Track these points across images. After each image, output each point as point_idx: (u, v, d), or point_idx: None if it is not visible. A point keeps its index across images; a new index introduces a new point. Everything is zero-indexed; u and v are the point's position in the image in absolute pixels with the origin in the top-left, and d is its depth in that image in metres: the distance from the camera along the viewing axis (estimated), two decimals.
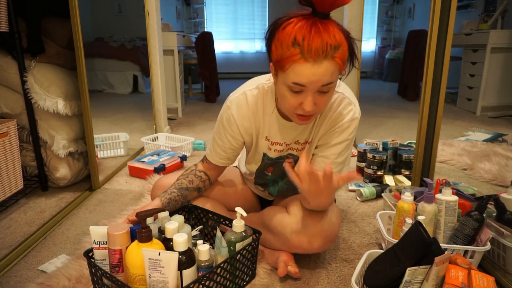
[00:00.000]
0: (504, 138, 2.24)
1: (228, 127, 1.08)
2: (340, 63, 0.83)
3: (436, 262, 0.81)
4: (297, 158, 1.11)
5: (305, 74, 0.82)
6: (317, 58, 0.80)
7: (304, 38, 0.79)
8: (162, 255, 0.80)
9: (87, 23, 5.00)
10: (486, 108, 2.99)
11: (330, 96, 0.89)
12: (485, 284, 0.82)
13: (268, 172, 1.17)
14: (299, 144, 1.08)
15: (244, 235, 0.98)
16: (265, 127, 1.07)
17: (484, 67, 2.99)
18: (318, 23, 0.81)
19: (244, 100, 1.05)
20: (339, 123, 1.02)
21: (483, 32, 3.03)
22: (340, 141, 1.03)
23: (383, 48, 5.86)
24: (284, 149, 1.10)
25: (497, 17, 2.98)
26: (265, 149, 1.11)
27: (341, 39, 0.83)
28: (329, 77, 0.83)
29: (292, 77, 0.83)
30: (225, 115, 1.07)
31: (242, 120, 1.06)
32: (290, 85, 0.85)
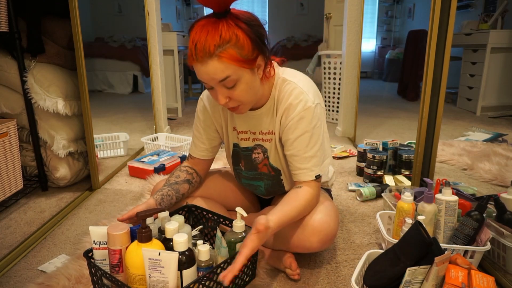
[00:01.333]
0: (504, 138, 2.24)
1: (202, 116, 1.15)
2: (228, 60, 0.86)
3: (436, 262, 0.81)
4: (265, 150, 1.11)
5: (199, 73, 0.89)
6: (202, 59, 0.86)
7: (193, 41, 0.86)
8: (162, 255, 0.80)
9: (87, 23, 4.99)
10: (486, 108, 2.99)
11: (243, 88, 0.92)
12: (485, 284, 0.82)
13: (242, 166, 1.18)
14: (264, 134, 1.09)
15: (244, 235, 0.98)
16: (232, 118, 1.11)
17: (484, 67, 2.99)
18: (210, 24, 0.86)
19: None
20: (291, 114, 1.01)
21: (483, 32, 3.03)
22: (299, 134, 1.01)
23: (383, 48, 5.85)
24: (251, 138, 1.11)
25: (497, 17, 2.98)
26: (235, 139, 1.15)
27: (231, 36, 0.85)
28: (220, 74, 0.87)
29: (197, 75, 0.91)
30: (200, 106, 1.15)
31: (213, 110, 1.13)
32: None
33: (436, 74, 1.44)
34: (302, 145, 1.02)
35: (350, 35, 2.52)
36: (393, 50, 5.74)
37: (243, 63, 0.88)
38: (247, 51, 0.88)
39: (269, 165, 1.13)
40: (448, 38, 1.37)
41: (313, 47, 4.77)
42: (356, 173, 1.97)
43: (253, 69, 0.93)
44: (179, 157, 2.08)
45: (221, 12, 0.86)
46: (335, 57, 3.01)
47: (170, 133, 2.59)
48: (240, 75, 0.89)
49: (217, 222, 1.11)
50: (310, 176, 1.03)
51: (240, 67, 0.88)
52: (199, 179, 1.21)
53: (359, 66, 2.54)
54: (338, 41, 3.57)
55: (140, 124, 3.05)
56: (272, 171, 1.14)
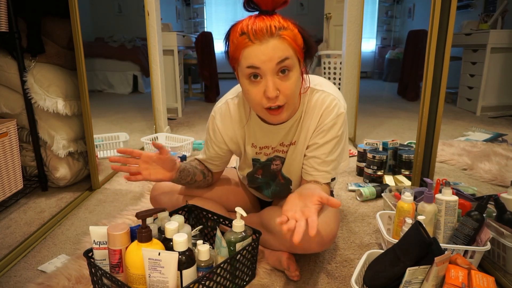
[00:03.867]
0: (504, 138, 2.23)
1: (214, 137, 1.12)
2: (290, 40, 0.86)
3: (436, 262, 0.81)
4: (283, 160, 1.11)
5: (255, 55, 0.85)
6: (263, 38, 0.84)
7: (249, 25, 0.85)
8: (162, 255, 0.80)
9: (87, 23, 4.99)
10: (486, 108, 2.99)
11: (294, 81, 0.89)
12: (485, 284, 0.82)
13: (258, 175, 1.18)
14: (284, 146, 1.08)
15: (244, 235, 0.98)
16: (250, 134, 1.09)
17: (484, 67, 2.98)
18: (263, 15, 0.87)
19: (227, 110, 1.09)
20: (324, 121, 1.01)
21: (483, 32, 3.03)
22: (329, 139, 1.02)
23: (383, 48, 5.85)
24: (271, 152, 1.11)
25: (497, 17, 2.98)
26: (254, 155, 1.12)
27: (289, 24, 0.87)
28: (280, 53, 0.85)
29: (245, 62, 0.87)
30: (211, 125, 1.12)
31: (226, 130, 1.10)
32: (246, 72, 0.88)
33: (436, 74, 1.44)
34: (328, 150, 1.03)
35: (350, 35, 2.52)
36: (393, 50, 5.73)
37: (299, 50, 0.89)
38: (300, 42, 0.89)
39: (281, 174, 1.14)
40: (448, 38, 1.37)
41: None
42: (356, 173, 1.97)
43: (300, 67, 0.92)
44: (179, 157, 2.08)
45: (271, 10, 0.88)
46: (335, 57, 3.01)
47: (170, 133, 2.59)
48: (295, 62, 0.88)
49: (217, 222, 1.12)
50: (327, 179, 1.05)
51: (296, 54, 0.88)
52: (211, 180, 1.22)
53: (359, 66, 2.54)
54: (338, 41, 3.57)
55: (140, 124, 3.05)
56: (283, 179, 1.15)
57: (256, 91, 0.89)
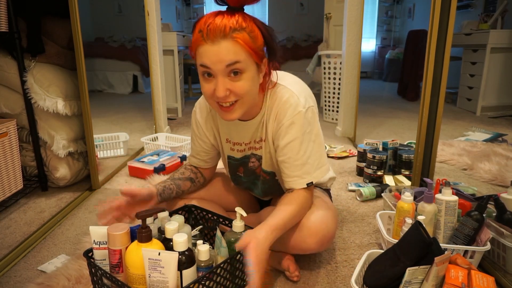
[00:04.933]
0: (504, 138, 2.24)
1: (196, 130, 1.14)
2: (243, 44, 0.85)
3: (436, 262, 0.81)
4: (259, 157, 1.10)
5: (207, 55, 0.85)
6: (215, 39, 0.83)
7: (205, 22, 0.85)
8: (162, 255, 0.80)
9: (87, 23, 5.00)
10: (486, 108, 2.99)
11: (246, 81, 0.88)
12: (485, 284, 0.82)
13: (240, 173, 1.18)
14: (257, 143, 1.08)
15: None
16: (223, 129, 1.10)
17: (484, 67, 2.99)
18: (225, 12, 0.86)
19: (204, 103, 1.11)
20: (282, 119, 0.98)
21: (483, 32, 3.03)
22: (290, 140, 0.98)
23: (383, 48, 5.85)
24: (246, 149, 1.11)
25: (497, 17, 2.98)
26: (229, 151, 1.13)
27: (249, 25, 0.86)
28: (231, 56, 0.84)
29: (198, 60, 0.87)
30: (193, 119, 1.14)
31: (205, 123, 1.12)
32: (200, 69, 0.89)
33: (436, 74, 1.44)
34: (293, 152, 0.99)
35: (350, 35, 2.52)
36: (393, 50, 5.74)
37: (255, 54, 0.87)
38: (259, 44, 0.89)
39: (262, 171, 1.13)
40: (448, 38, 1.37)
41: (313, 47, 4.77)
42: (356, 173, 1.97)
43: (259, 67, 0.92)
44: (179, 157, 2.08)
45: (237, 7, 0.87)
46: (335, 57, 3.01)
47: (170, 133, 2.59)
48: (248, 65, 0.88)
49: (216, 222, 1.12)
50: (301, 184, 1.01)
51: (251, 57, 0.87)
52: (203, 180, 1.22)
53: (359, 66, 2.54)
54: (338, 41, 3.57)
55: (140, 124, 3.05)
56: (266, 175, 1.14)
57: (208, 87, 0.90)
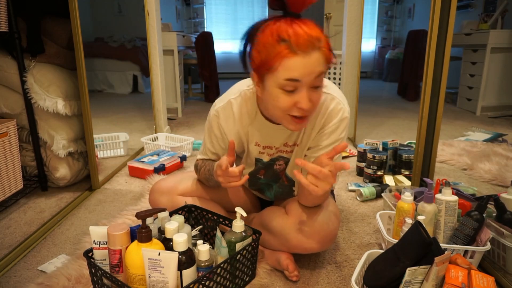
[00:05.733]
0: (504, 138, 2.24)
1: (220, 135, 1.10)
2: (328, 53, 0.84)
3: (436, 262, 0.81)
4: (287, 160, 1.11)
5: (297, 68, 0.81)
6: (307, 49, 0.80)
7: (289, 33, 0.80)
8: (162, 255, 0.80)
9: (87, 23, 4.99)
10: (486, 108, 2.99)
11: (320, 91, 0.90)
12: (485, 284, 0.82)
13: (260, 175, 1.18)
14: (288, 146, 1.08)
15: (244, 235, 0.98)
16: (254, 133, 1.08)
17: (484, 67, 2.99)
18: (295, 20, 0.83)
19: (230, 110, 1.07)
20: (328, 124, 1.02)
21: (483, 32, 3.03)
22: (331, 142, 1.03)
23: (383, 48, 5.85)
24: (275, 152, 1.10)
25: (497, 17, 2.98)
26: (257, 154, 1.12)
27: (320, 32, 0.84)
28: (320, 67, 0.83)
29: (284, 74, 0.82)
30: (214, 124, 1.09)
31: (231, 130, 1.08)
32: (282, 83, 0.84)
33: (436, 74, 1.44)
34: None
35: (350, 35, 2.52)
36: (393, 50, 5.73)
37: (329, 61, 0.86)
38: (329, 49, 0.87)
39: (285, 175, 1.14)
40: (448, 38, 1.37)
41: None
42: (356, 173, 1.97)
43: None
44: (179, 157, 2.08)
45: (298, 13, 0.85)
46: (335, 57, 3.01)
47: (170, 133, 2.59)
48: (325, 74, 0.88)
49: (216, 222, 1.12)
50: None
51: (327, 66, 0.86)
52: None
53: (359, 66, 2.54)
54: (338, 41, 3.57)
55: (140, 124, 3.05)
56: (286, 181, 1.15)
57: (287, 100, 0.86)
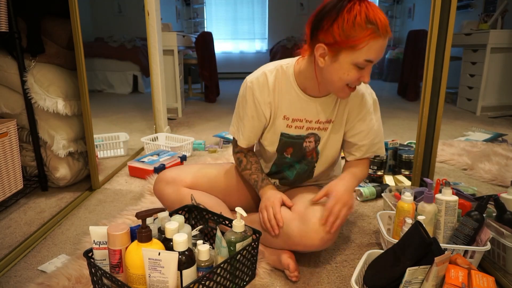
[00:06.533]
0: (504, 138, 2.24)
1: (254, 108, 1.12)
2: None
3: (436, 262, 0.81)
4: (318, 138, 1.14)
5: (378, 50, 0.92)
6: (387, 34, 0.91)
7: (376, 17, 0.89)
8: (162, 255, 0.80)
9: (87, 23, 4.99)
10: (486, 108, 3.00)
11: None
12: (485, 284, 0.82)
13: (288, 154, 1.18)
14: (321, 123, 1.12)
15: (244, 235, 0.98)
16: (283, 106, 1.11)
17: (484, 67, 2.99)
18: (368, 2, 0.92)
19: (264, 80, 1.11)
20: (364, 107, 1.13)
21: (483, 32, 3.03)
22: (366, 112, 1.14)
23: None
24: (305, 126, 1.12)
25: (497, 17, 2.98)
26: (283, 128, 1.14)
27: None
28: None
29: (366, 54, 0.91)
30: (249, 97, 1.12)
31: (265, 100, 1.11)
32: (360, 62, 0.93)
33: (436, 74, 1.44)
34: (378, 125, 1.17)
35: None
36: (393, 50, 5.74)
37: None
38: None
39: (315, 151, 1.17)
40: (448, 38, 1.37)
41: None
42: None
43: None
44: (179, 157, 2.08)
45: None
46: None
47: (170, 133, 2.59)
48: None
49: (217, 222, 1.12)
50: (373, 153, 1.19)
51: None
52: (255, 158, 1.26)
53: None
54: None
55: (140, 124, 3.05)
56: (316, 156, 1.18)
57: (356, 75, 0.96)
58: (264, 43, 6.75)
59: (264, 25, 6.66)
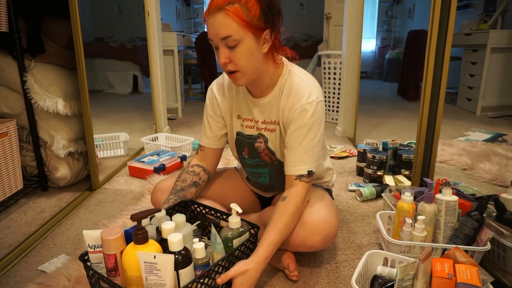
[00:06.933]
0: (504, 138, 2.23)
1: (210, 104, 1.17)
2: (233, 16, 0.90)
3: (421, 258, 0.82)
4: (266, 139, 1.12)
5: (208, 28, 0.94)
6: (213, 11, 0.91)
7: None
8: (157, 258, 0.79)
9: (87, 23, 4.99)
10: (486, 108, 2.99)
11: (242, 53, 0.94)
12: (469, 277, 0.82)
13: (245, 154, 1.19)
14: (267, 124, 1.10)
15: (241, 231, 0.97)
16: (237, 106, 1.13)
17: (484, 67, 2.99)
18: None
19: (222, 80, 1.16)
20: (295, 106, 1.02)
21: (483, 32, 3.03)
22: (299, 126, 1.02)
23: (383, 48, 5.86)
24: (255, 126, 1.12)
25: (497, 17, 2.98)
26: (238, 127, 1.16)
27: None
28: (223, 30, 0.91)
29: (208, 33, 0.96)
30: (208, 94, 1.19)
31: (221, 97, 1.15)
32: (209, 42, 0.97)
33: (436, 74, 1.44)
34: (299, 138, 1.02)
35: (350, 35, 2.52)
36: (393, 50, 5.73)
37: (247, 25, 0.91)
38: (253, 15, 0.91)
39: (269, 151, 1.14)
40: (448, 38, 1.37)
41: (313, 47, 4.77)
42: (356, 173, 1.97)
43: (258, 38, 0.95)
44: (179, 157, 2.08)
45: None
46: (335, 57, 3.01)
47: (170, 133, 2.59)
48: (242, 36, 0.92)
49: (215, 217, 1.11)
50: (302, 170, 1.03)
51: (243, 28, 0.91)
52: (207, 177, 1.21)
53: (359, 66, 2.54)
54: (338, 41, 3.57)
55: (140, 124, 3.05)
56: (275, 160, 1.15)
57: (218, 57, 0.98)
58: None
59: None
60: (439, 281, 0.82)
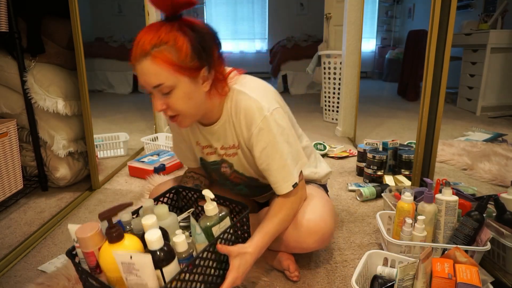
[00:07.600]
0: (504, 138, 2.23)
1: (174, 130, 1.16)
2: (164, 63, 0.81)
3: (421, 258, 0.82)
4: (230, 164, 1.08)
5: (138, 76, 0.84)
6: (139, 57, 0.81)
7: (136, 39, 0.82)
8: (134, 258, 0.73)
9: (87, 23, 5.00)
10: (486, 108, 2.99)
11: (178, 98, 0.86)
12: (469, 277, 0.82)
13: (216, 177, 1.17)
14: (226, 149, 1.05)
15: (220, 216, 0.92)
16: (193, 134, 1.10)
17: (484, 67, 2.99)
18: (155, 25, 0.83)
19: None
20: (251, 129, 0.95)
21: (483, 32, 3.03)
22: (263, 147, 0.96)
23: (383, 48, 5.86)
24: (215, 153, 1.08)
25: (497, 17, 2.98)
26: (200, 153, 1.13)
27: (171, 37, 0.81)
28: (153, 79, 0.82)
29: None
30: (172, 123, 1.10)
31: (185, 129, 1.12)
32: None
33: (436, 74, 1.44)
34: (269, 158, 0.97)
35: (350, 35, 2.52)
36: (393, 50, 5.73)
37: (180, 68, 0.83)
38: (184, 56, 0.82)
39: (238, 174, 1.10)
40: (448, 38, 1.37)
41: (313, 47, 4.77)
42: (356, 173, 1.97)
43: (195, 78, 0.87)
44: None
45: (171, 17, 0.83)
46: (335, 57, 3.01)
47: (170, 133, 2.59)
48: (175, 82, 0.84)
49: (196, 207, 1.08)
50: (287, 188, 0.99)
51: (175, 73, 0.83)
52: (208, 182, 1.21)
53: (359, 66, 2.54)
54: (338, 41, 3.57)
55: (140, 124, 3.05)
56: (246, 178, 1.12)
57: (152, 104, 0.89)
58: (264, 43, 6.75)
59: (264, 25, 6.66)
60: (439, 281, 0.82)
